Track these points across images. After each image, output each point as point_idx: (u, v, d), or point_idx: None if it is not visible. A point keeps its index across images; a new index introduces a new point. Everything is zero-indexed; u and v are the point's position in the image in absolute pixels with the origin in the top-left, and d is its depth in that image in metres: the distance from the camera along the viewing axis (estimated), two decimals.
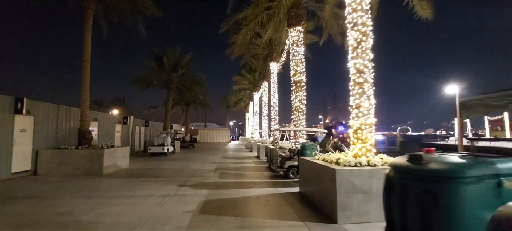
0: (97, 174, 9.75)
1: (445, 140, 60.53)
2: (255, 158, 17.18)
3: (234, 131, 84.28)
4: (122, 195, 6.60)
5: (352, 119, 6.01)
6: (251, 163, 14.07)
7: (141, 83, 21.37)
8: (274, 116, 18.38)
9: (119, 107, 53.46)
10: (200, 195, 6.66)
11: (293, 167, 9.04)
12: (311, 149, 8.16)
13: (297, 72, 12.11)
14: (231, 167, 12.49)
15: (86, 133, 10.94)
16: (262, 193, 6.93)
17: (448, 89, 11.54)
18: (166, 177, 9.46)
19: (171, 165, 12.73)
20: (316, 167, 5.78)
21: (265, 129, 24.56)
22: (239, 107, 45.59)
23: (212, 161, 14.70)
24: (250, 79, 31.18)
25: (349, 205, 4.66)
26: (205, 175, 9.96)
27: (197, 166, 12.42)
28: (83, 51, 11.16)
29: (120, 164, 11.39)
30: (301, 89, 12.06)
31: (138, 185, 7.90)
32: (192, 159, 15.77)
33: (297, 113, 12.00)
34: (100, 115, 14.95)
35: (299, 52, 12.17)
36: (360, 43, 5.99)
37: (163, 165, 12.88)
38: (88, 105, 11.20)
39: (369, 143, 5.77)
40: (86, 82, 11.16)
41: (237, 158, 17.24)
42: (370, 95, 5.91)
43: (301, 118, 12.01)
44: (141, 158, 16.28)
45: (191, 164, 13.40)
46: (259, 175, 10.08)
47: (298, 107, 12.02)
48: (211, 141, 45.23)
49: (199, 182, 8.40)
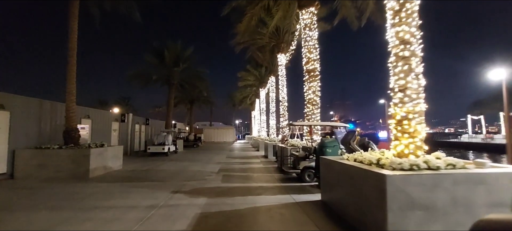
0: (83, 177, 8.48)
1: (458, 138, 57.99)
2: (263, 157, 15.76)
3: (240, 130, 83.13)
4: (99, 206, 5.26)
5: (394, 106, 4.51)
6: (258, 164, 12.65)
7: (140, 79, 20.15)
8: (282, 112, 16.90)
9: (123, 106, 52.73)
10: (196, 205, 5.27)
11: (309, 169, 7.59)
12: (333, 147, 6.68)
13: (310, 60, 10.62)
14: (237, 168, 11.08)
15: (72, 131, 9.69)
16: (274, 202, 5.50)
17: (492, 74, 9.81)
18: (161, 180, 8.11)
19: (170, 166, 11.41)
20: (348, 171, 4.31)
21: (272, 127, 23.10)
22: (245, 105, 44.20)
23: (216, 162, 13.34)
24: (256, 74, 29.72)
25: (404, 226, 3.19)
26: (206, 178, 8.58)
27: (198, 167, 11.06)
28: (69, 38, 9.91)
29: (112, 166, 10.11)
30: (315, 79, 10.56)
31: (124, 192, 6.56)
32: (194, 160, 14.44)
33: (311, 106, 10.51)
34: (94, 111, 13.75)
35: (313, 37, 10.67)
36: (404, 4, 4.49)
37: (161, 166, 11.56)
38: (74, 99, 9.94)
39: (420, 137, 4.28)
40: (72, 73, 9.90)
41: (243, 158, 15.84)
42: (419, 73, 4.41)
43: (316, 112, 10.51)
44: (139, 158, 15.04)
45: (192, 165, 12.05)
46: (269, 177, 8.64)
47: (312, 99, 10.53)
48: (216, 140, 44.01)
49: (198, 188, 7.02)
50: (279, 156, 9.67)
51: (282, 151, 9.06)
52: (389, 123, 4.62)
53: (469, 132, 57.06)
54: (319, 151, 6.93)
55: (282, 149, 9.27)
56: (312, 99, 10.53)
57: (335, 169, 4.86)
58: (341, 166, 4.59)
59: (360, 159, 4.49)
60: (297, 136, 13.71)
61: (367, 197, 3.64)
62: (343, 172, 4.54)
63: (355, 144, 6.68)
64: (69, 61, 9.90)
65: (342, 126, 8.16)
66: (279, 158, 9.55)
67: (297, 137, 13.58)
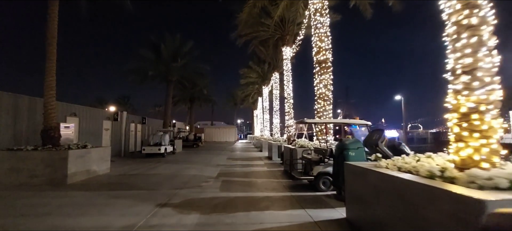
0: (60, 183, 7.29)
1: None
2: (267, 159, 14.53)
3: (242, 129, 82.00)
4: (58, 226, 4.06)
5: (456, 94, 3.25)
6: (262, 166, 11.41)
7: (136, 75, 18.98)
8: (288, 109, 15.68)
9: (123, 105, 51.76)
10: (185, 227, 4.05)
11: (325, 175, 6.35)
12: (357, 149, 5.42)
13: (321, 49, 9.37)
14: (238, 172, 9.86)
15: (50, 131, 8.51)
16: (287, 221, 4.26)
17: None
18: (148, 188, 6.90)
19: (164, 170, 10.21)
20: (396, 185, 3.06)
21: (276, 126, 21.87)
22: (247, 104, 42.98)
23: (216, 164, 12.12)
24: (258, 71, 28.50)
25: None
26: (203, 185, 7.36)
27: (195, 171, 9.85)
28: (48, 24, 8.74)
29: (97, 169, 8.93)
30: (326, 71, 9.32)
31: (100, 204, 5.36)
32: (193, 161, 13.24)
33: (322, 102, 9.27)
34: (81, 109, 12.57)
35: (324, 24, 9.42)
36: None
37: (154, 169, 10.36)
38: (53, 94, 8.77)
39: (496, 137, 3.02)
40: (51, 65, 8.72)
41: (246, 159, 14.62)
42: (492, 47, 3.15)
43: (328, 108, 9.28)
44: (133, 160, 13.87)
45: (189, 168, 10.85)
46: (276, 184, 7.41)
47: (323, 94, 9.29)
48: (218, 140, 42.85)
49: (191, 199, 5.80)
50: (287, 159, 8.38)
51: (291, 154, 7.79)
52: (449, 118, 3.36)
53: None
54: (338, 154, 5.68)
55: (291, 151, 7.99)
56: (324, 94, 9.29)
57: (370, 180, 3.61)
58: (382, 177, 3.34)
59: (407, 168, 3.25)
60: (305, 136, 12.47)
61: (434, 227, 2.39)
62: (384, 185, 3.29)
63: (384, 147, 5.42)
64: (48, 50, 8.72)
65: (364, 124, 6.91)
66: (287, 161, 8.26)
67: (305, 137, 12.34)
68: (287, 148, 9.25)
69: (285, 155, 10.11)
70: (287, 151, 9.28)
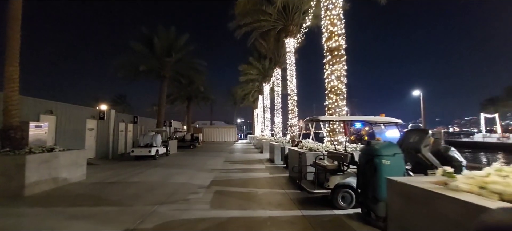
0: (16, 195, 5.92)
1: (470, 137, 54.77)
2: (268, 162, 13.12)
3: (242, 129, 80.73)
4: None
5: None
6: (263, 171, 10.01)
7: (126, 70, 17.55)
8: (291, 107, 14.27)
9: (119, 105, 50.41)
10: None
11: (345, 188, 4.94)
12: (394, 157, 3.99)
13: (333, 34, 7.96)
14: (235, 179, 8.45)
15: (11, 130, 7.12)
16: None
17: None
18: (121, 203, 5.50)
19: (149, 176, 8.81)
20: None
21: (278, 125, 20.46)
22: (247, 103, 41.54)
23: (210, 168, 10.72)
24: (259, 68, 27.08)
25: None
26: (190, 197, 5.96)
27: (185, 178, 8.45)
28: (8, 4, 7.34)
29: (68, 177, 7.53)
30: (339, 60, 7.91)
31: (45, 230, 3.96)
32: (186, 165, 11.84)
33: (334, 97, 7.86)
34: (59, 106, 11.16)
35: (336, 4, 8.01)
36: None
37: (138, 175, 8.97)
38: (16, 88, 7.37)
39: None
40: (13, 52, 7.33)
41: (245, 162, 13.21)
42: None
43: (341, 104, 7.87)
44: (119, 163, 12.48)
45: (179, 173, 9.45)
46: (281, 198, 5.99)
47: (336, 87, 7.88)
48: (217, 140, 41.42)
49: (171, 221, 4.40)
50: (294, 165, 6.90)
51: (300, 159, 6.33)
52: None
53: (483, 131, 54.16)
54: (365, 162, 4.27)
55: (299, 156, 6.52)
56: (336, 87, 7.88)
57: (447, 213, 2.19)
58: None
59: None
60: (312, 138, 11.08)
61: None
62: None
63: (427, 152, 4.01)
64: (9, 35, 7.32)
65: (394, 121, 5.48)
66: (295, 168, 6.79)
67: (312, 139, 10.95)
68: (294, 152, 7.84)
69: (290, 160, 8.71)
70: (293, 156, 7.87)
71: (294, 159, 7.78)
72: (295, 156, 7.71)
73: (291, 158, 8.50)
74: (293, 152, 8.02)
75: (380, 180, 3.86)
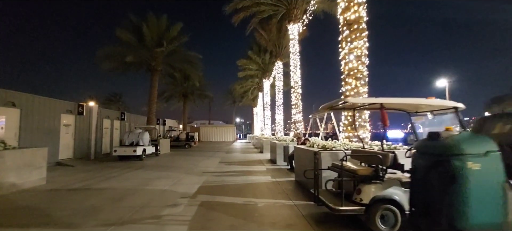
0: None
1: None
2: (269, 163, 11.52)
3: (241, 128, 79.26)
4: None
5: None
6: (264, 174, 8.41)
7: (111, 61, 15.91)
8: (295, 101, 12.68)
9: (114, 103, 48.82)
10: None
11: (386, 204, 3.35)
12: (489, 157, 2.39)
13: (351, 4, 6.37)
14: (230, 185, 6.85)
15: None
16: None
17: None
18: (66, 222, 3.91)
19: (122, 181, 7.21)
20: None
21: (279, 123, 18.88)
22: (246, 101, 39.94)
23: (202, 170, 9.14)
24: (258, 62, 25.47)
25: None
26: (164, 214, 4.36)
27: (168, 184, 6.86)
28: None
29: (18, 181, 5.95)
30: (360, 35, 6.32)
31: None
32: (173, 167, 10.26)
33: (354, 81, 6.28)
34: (26, 98, 9.53)
35: None
36: None
37: (109, 180, 7.37)
38: None
39: None
40: None
41: (243, 163, 11.62)
42: None
43: (362, 91, 6.28)
44: (99, 164, 10.89)
45: (162, 177, 7.87)
46: (289, 214, 4.40)
47: (355, 69, 6.30)
48: (215, 140, 39.81)
49: None
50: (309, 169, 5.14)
51: (316, 162, 4.62)
52: None
53: None
54: (428, 164, 2.68)
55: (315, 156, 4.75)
56: (355, 69, 6.29)
57: None
58: None
59: None
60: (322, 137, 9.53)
61: None
62: None
63: None
64: None
65: (452, 106, 3.88)
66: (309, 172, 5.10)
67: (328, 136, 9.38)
68: (303, 152, 6.22)
69: (297, 161, 7.13)
70: (302, 156, 6.26)
71: (303, 160, 6.19)
72: (304, 156, 6.11)
73: (298, 159, 6.92)
74: (301, 152, 6.42)
75: (464, 196, 2.28)
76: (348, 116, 6.27)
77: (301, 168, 6.40)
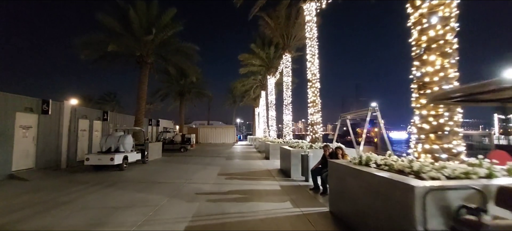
0: None
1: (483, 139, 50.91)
2: (281, 175, 9.09)
3: (241, 130, 76.89)
4: None
5: None
6: (281, 197, 5.99)
7: (92, 50, 13.47)
8: (312, 98, 10.23)
9: (108, 103, 46.41)
10: None
11: None
12: None
13: None
14: (234, 222, 4.42)
15: None
16: None
17: None
18: None
19: (69, 216, 4.80)
20: None
21: (287, 124, 16.46)
22: (247, 100, 37.48)
23: (193, 192, 6.73)
24: (262, 57, 23.04)
25: None
26: None
27: (133, 223, 4.44)
28: None
29: None
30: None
31: None
32: (157, 184, 7.86)
33: (440, 59, 3.86)
34: None
35: None
36: None
37: (50, 213, 4.97)
38: None
39: None
40: None
41: (248, 176, 9.20)
42: None
43: (451, 72, 3.86)
44: (66, 177, 8.49)
45: (132, 206, 5.47)
46: None
47: (440, 40, 3.88)
48: (214, 141, 37.38)
49: None
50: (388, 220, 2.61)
51: (423, 201, 2.11)
52: None
53: (496, 133, 50.50)
54: None
55: (408, 197, 2.24)
56: (441, 39, 3.87)
57: None
58: None
59: None
60: (354, 142, 7.17)
61: None
62: None
63: None
64: None
65: None
66: (354, 200, 2.63)
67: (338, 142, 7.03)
68: (351, 171, 3.77)
69: (334, 182, 4.69)
70: (347, 179, 3.82)
71: (349, 184, 3.77)
72: (353, 182, 3.69)
73: (338, 180, 4.49)
74: (344, 172, 4.00)
75: None
76: (428, 116, 3.84)
77: (343, 194, 4.02)
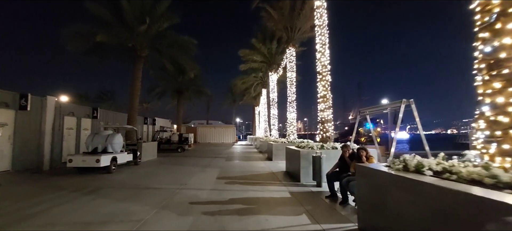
0: None
1: None
2: (287, 178, 8.05)
3: (241, 129, 75.86)
4: None
5: None
6: (295, 209, 4.95)
7: (80, 42, 12.41)
8: (323, 92, 9.17)
9: (105, 102, 45.23)
10: None
11: None
12: None
13: None
14: None
15: None
16: None
17: None
18: None
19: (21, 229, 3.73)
20: None
21: (291, 123, 15.43)
22: (248, 98, 36.41)
23: (187, 201, 5.69)
24: (264, 52, 21.99)
25: None
26: None
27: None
28: None
29: None
30: None
31: None
32: (146, 190, 6.82)
33: None
34: None
35: None
36: None
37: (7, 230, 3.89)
38: None
39: None
40: None
41: (250, 180, 8.15)
42: None
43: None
44: (45, 181, 7.43)
45: (111, 221, 4.41)
46: None
47: None
48: (213, 141, 36.36)
49: None
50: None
51: None
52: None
53: None
54: None
55: None
56: None
57: None
58: None
59: None
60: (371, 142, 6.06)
61: None
62: None
63: None
64: None
65: None
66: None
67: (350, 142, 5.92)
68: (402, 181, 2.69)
69: (364, 193, 3.64)
70: (394, 193, 2.74)
71: (394, 198, 2.71)
72: (402, 198, 2.64)
73: (376, 192, 3.45)
74: (407, 185, 2.94)
75: None
76: (508, 105, 2.80)
77: (382, 210, 2.98)
